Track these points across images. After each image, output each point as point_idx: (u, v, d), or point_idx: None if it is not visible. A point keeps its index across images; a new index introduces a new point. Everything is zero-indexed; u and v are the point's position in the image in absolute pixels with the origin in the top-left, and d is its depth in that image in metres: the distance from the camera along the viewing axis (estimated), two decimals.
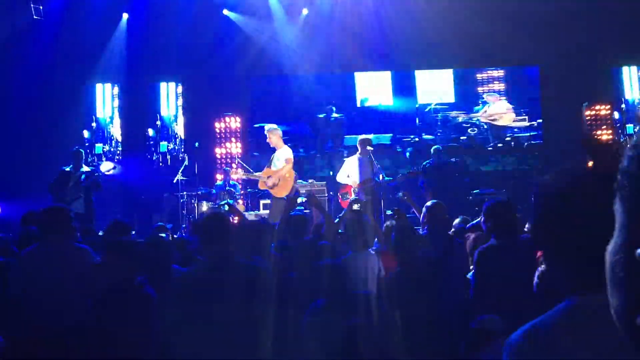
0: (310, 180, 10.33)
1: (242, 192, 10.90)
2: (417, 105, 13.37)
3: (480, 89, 13.69)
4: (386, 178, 9.02)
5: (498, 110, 13.40)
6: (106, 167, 9.77)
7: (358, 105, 13.60)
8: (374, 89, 13.70)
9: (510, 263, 3.88)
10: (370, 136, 9.69)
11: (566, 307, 1.25)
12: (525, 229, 4.73)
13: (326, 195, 9.93)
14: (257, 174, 9.17)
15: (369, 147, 8.72)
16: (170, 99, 12.33)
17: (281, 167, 8.70)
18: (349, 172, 9.03)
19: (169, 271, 4.00)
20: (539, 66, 12.59)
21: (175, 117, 12.27)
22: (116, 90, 12.24)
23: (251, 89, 12.80)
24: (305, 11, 12.18)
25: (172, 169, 11.28)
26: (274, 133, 8.91)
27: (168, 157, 11.83)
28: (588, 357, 1.17)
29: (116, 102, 12.22)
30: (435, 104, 13.42)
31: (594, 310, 1.18)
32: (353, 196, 8.70)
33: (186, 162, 10.95)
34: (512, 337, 1.27)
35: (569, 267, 1.25)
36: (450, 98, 13.59)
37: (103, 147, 11.83)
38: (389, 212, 6.23)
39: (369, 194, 8.57)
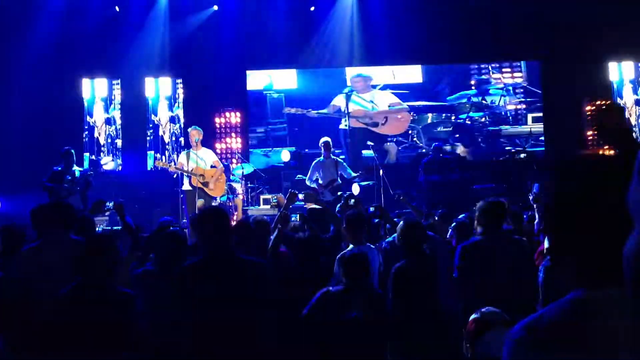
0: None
1: (242, 187, 10.87)
2: (346, 91, 11.43)
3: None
4: (352, 174, 9.31)
5: (373, 104, 11.14)
6: (106, 161, 9.77)
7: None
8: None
9: (493, 259, 3.97)
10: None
11: (571, 300, 1.19)
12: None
13: None
14: (176, 168, 9.46)
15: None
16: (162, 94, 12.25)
17: (215, 169, 9.38)
18: (317, 175, 9.36)
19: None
20: (540, 62, 12.50)
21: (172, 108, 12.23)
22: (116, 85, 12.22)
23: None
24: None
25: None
26: (199, 133, 9.42)
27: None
28: (585, 355, 1.12)
29: (117, 98, 12.21)
30: (382, 87, 11.75)
31: (601, 306, 1.14)
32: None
33: None
34: (513, 329, 1.21)
35: (580, 259, 1.20)
36: (417, 78, 11.92)
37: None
38: (371, 209, 6.29)
39: (335, 194, 8.87)
